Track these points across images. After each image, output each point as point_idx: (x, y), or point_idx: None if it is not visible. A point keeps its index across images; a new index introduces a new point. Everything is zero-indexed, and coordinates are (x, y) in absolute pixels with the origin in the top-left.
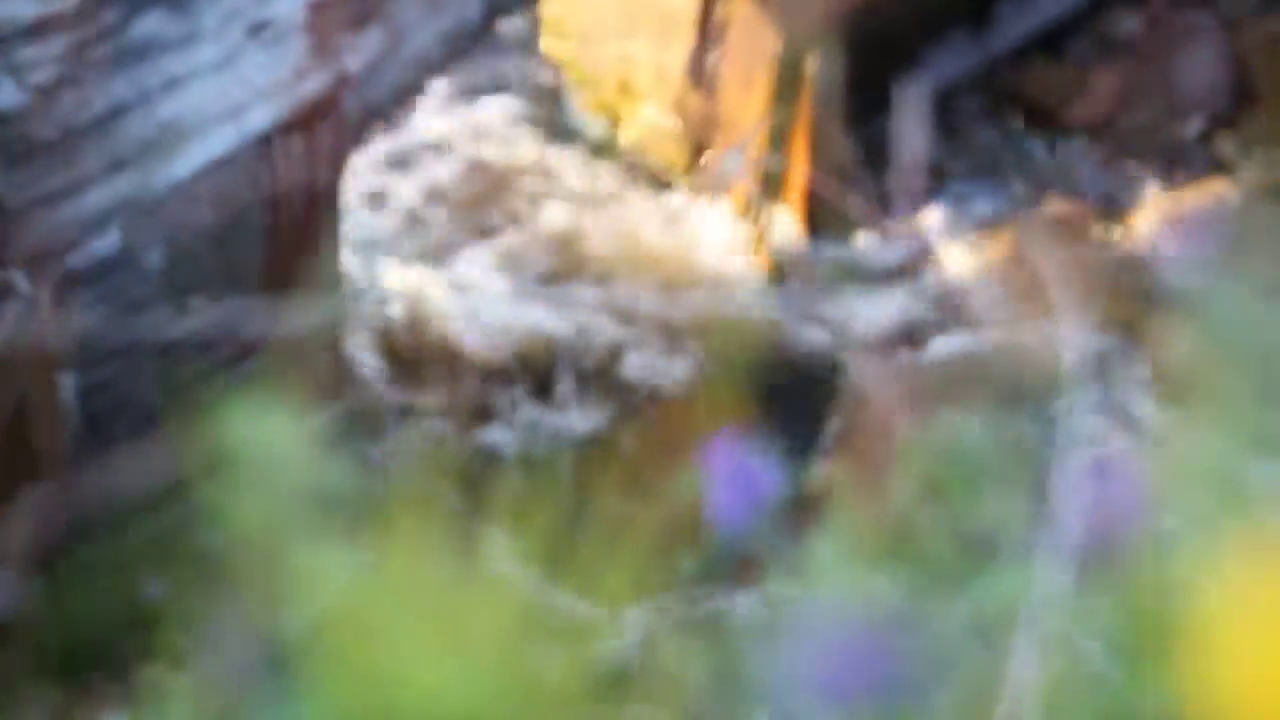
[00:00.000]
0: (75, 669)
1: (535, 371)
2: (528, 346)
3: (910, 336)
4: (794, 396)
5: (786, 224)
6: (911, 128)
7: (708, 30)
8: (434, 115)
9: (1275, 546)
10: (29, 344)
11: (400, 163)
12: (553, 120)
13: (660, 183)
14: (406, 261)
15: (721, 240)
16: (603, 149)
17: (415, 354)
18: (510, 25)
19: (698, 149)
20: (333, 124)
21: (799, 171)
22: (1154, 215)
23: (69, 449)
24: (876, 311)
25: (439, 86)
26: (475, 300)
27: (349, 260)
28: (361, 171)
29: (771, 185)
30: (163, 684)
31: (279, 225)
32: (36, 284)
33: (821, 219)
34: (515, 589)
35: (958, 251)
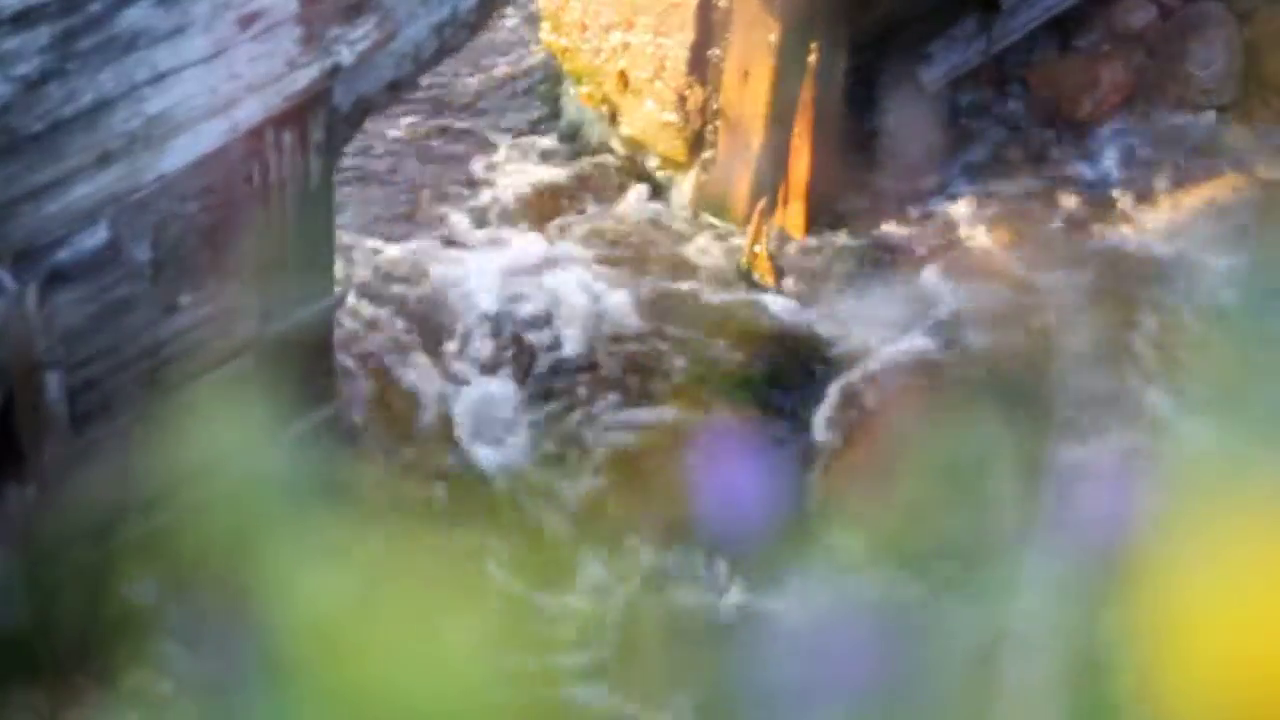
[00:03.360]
0: (62, 673)
1: (523, 366)
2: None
3: (913, 334)
4: (794, 396)
5: (787, 219)
6: (916, 120)
7: (709, 22)
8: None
9: (1276, 541)
10: (14, 342)
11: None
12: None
13: (658, 178)
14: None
15: (721, 236)
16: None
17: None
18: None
19: (698, 142)
20: (324, 117)
21: (801, 165)
22: (1166, 208)
23: (54, 449)
24: (878, 309)
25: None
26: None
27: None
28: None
29: (773, 179)
30: (149, 688)
31: (270, 221)
32: (22, 280)
33: (823, 214)
34: (498, 587)
35: (963, 247)
